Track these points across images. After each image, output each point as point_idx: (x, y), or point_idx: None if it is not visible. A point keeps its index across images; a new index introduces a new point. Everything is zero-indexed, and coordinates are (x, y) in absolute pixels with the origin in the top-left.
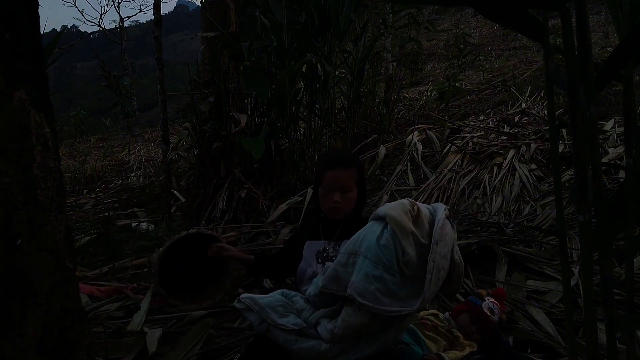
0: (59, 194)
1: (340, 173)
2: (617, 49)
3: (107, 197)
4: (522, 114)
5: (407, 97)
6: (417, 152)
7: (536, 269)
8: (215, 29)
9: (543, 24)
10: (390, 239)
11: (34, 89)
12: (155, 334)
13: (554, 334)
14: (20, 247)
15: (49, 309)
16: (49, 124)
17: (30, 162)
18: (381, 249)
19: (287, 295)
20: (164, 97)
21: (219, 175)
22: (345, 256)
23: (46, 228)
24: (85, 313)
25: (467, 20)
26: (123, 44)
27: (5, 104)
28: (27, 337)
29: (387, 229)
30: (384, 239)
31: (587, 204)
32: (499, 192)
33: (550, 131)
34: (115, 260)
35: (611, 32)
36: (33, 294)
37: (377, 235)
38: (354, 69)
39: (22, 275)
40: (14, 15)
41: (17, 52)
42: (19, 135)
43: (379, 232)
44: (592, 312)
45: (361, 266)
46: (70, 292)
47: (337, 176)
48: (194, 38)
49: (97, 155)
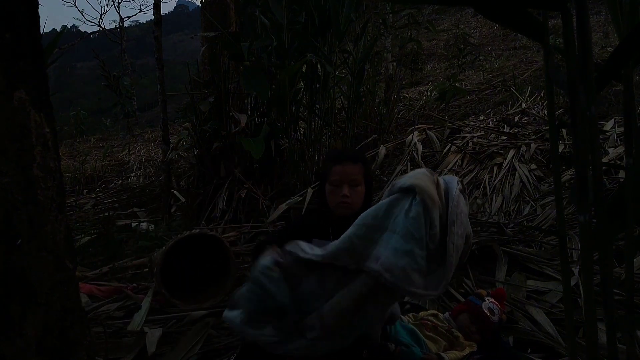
0: (59, 194)
1: (348, 167)
2: (617, 49)
3: (107, 197)
4: (522, 114)
5: (407, 97)
6: (417, 152)
7: (536, 269)
8: (215, 29)
9: (543, 24)
10: (421, 211)
11: (34, 89)
12: (155, 334)
13: (554, 334)
14: (20, 247)
15: (49, 309)
16: (49, 124)
17: (30, 162)
18: (410, 221)
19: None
20: (164, 97)
21: (219, 175)
22: (364, 228)
23: (46, 228)
24: (85, 313)
25: (467, 20)
26: (123, 44)
27: (5, 104)
28: (27, 337)
29: (416, 200)
30: (413, 211)
31: (587, 204)
32: (499, 192)
33: (550, 131)
34: (115, 260)
35: (611, 32)
36: (33, 294)
37: (406, 208)
38: (354, 69)
39: (22, 275)
40: (14, 15)
41: (17, 52)
42: (19, 135)
43: (407, 205)
44: (592, 312)
45: (389, 241)
46: (70, 292)
47: (346, 170)
48: (194, 38)
49: (97, 155)
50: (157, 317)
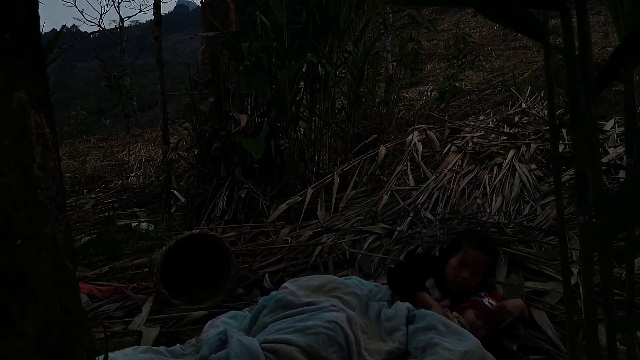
0: (59, 194)
1: (483, 258)
2: (617, 49)
3: (107, 197)
4: (522, 114)
5: (407, 97)
6: (417, 152)
7: (536, 269)
8: (215, 29)
9: (544, 23)
10: None
11: (34, 89)
12: (151, 334)
13: (554, 336)
14: (20, 247)
15: (49, 309)
16: (49, 124)
17: (30, 162)
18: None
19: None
20: (164, 97)
21: (219, 175)
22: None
23: (46, 228)
24: (85, 313)
25: (467, 20)
26: (123, 44)
27: (5, 104)
28: (27, 337)
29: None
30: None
31: (587, 204)
32: (499, 192)
33: (550, 131)
34: (115, 260)
35: (611, 32)
36: (33, 293)
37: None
38: (354, 69)
39: (22, 275)
40: (14, 15)
41: (17, 52)
42: (19, 135)
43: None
44: (592, 313)
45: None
46: (70, 292)
47: (479, 259)
48: (194, 38)
49: (97, 155)
50: (157, 317)
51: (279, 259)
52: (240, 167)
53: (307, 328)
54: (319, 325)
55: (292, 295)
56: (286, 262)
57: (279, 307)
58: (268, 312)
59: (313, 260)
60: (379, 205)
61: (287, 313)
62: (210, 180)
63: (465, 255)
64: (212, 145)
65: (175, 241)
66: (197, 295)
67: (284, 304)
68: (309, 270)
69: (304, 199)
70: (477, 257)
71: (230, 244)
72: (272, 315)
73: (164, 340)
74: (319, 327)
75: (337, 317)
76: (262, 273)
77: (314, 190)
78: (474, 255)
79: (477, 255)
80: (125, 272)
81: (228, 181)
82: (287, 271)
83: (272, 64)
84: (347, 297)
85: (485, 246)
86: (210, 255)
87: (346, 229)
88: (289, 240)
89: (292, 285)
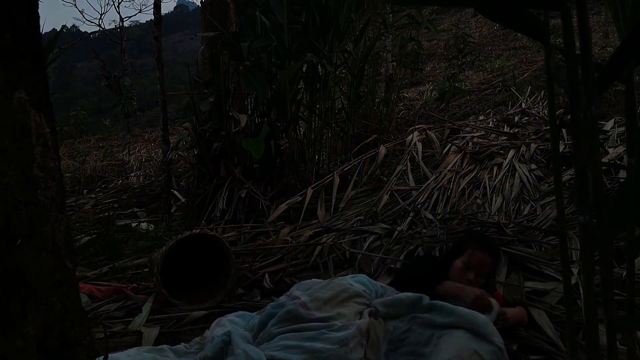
0: (59, 194)
1: (487, 260)
2: (618, 49)
3: (107, 197)
4: (522, 114)
5: (407, 97)
6: (417, 152)
7: (536, 269)
8: (215, 29)
9: (545, 23)
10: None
11: (34, 89)
12: (152, 334)
13: (554, 335)
14: (20, 247)
15: (49, 309)
16: (49, 124)
17: (30, 162)
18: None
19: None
20: (164, 97)
21: (219, 175)
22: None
23: (46, 228)
24: (85, 313)
25: (467, 20)
26: (123, 44)
27: (5, 104)
28: (27, 337)
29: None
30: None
31: (587, 204)
32: (499, 192)
33: (550, 131)
34: (115, 260)
35: (611, 32)
36: (33, 293)
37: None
38: (354, 69)
39: (22, 275)
40: (14, 15)
41: (17, 52)
42: (19, 135)
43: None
44: (592, 313)
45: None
46: (70, 292)
47: (484, 261)
48: (194, 38)
49: (97, 155)
50: (157, 317)
51: (279, 259)
52: (240, 167)
53: (315, 351)
54: (328, 348)
55: (304, 307)
56: (286, 262)
57: (289, 319)
58: (277, 322)
59: (313, 260)
60: (379, 205)
61: (297, 327)
62: (210, 180)
63: (471, 257)
64: (212, 145)
65: (175, 241)
66: (197, 295)
67: (294, 316)
68: (309, 271)
69: (304, 199)
70: (483, 260)
71: (230, 244)
72: (280, 326)
73: (164, 340)
74: (328, 350)
75: (347, 336)
76: (262, 273)
77: (314, 190)
78: (480, 257)
79: (483, 258)
80: (125, 272)
81: (228, 181)
82: (287, 271)
83: (272, 64)
84: (359, 308)
85: (490, 248)
86: (210, 255)
87: (346, 229)
88: (289, 240)
89: (304, 296)
